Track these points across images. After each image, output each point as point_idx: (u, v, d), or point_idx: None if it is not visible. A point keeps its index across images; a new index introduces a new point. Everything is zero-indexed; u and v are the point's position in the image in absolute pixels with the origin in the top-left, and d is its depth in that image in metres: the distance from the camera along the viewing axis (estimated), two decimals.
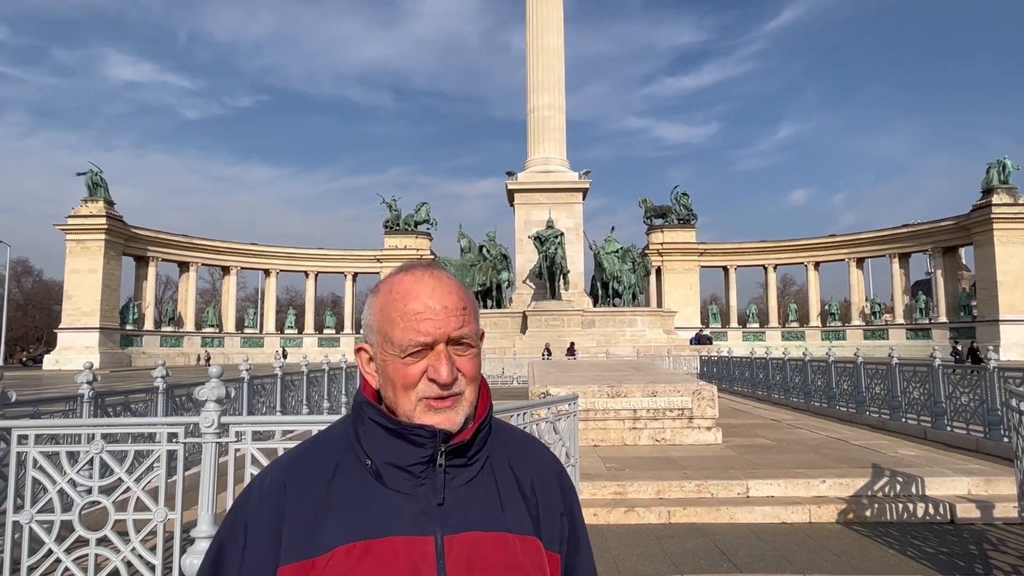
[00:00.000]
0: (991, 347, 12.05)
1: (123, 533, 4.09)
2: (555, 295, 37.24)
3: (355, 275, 64.60)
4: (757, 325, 63.44)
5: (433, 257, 61.11)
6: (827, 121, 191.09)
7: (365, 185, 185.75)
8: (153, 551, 4.07)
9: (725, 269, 64.45)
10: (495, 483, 1.11)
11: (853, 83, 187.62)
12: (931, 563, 5.52)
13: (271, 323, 63.09)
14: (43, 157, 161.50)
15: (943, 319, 53.76)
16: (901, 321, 57.21)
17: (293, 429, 4.86)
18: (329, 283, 74.16)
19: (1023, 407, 5.46)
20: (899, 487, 7.45)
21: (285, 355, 47.98)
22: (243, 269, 62.85)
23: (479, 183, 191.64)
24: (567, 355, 29.25)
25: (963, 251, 58.26)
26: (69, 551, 4.10)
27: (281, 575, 1.00)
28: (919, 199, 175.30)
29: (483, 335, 1.17)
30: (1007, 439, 8.92)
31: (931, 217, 55.35)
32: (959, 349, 33.37)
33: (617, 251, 41.89)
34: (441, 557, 1.00)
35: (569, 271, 38.19)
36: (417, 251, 61.98)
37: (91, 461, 4.15)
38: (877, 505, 7.02)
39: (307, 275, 63.94)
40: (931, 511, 6.94)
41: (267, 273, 62.87)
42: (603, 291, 41.20)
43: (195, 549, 3.84)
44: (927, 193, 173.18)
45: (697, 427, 10.44)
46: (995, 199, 48.60)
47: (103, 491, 4.18)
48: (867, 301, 60.10)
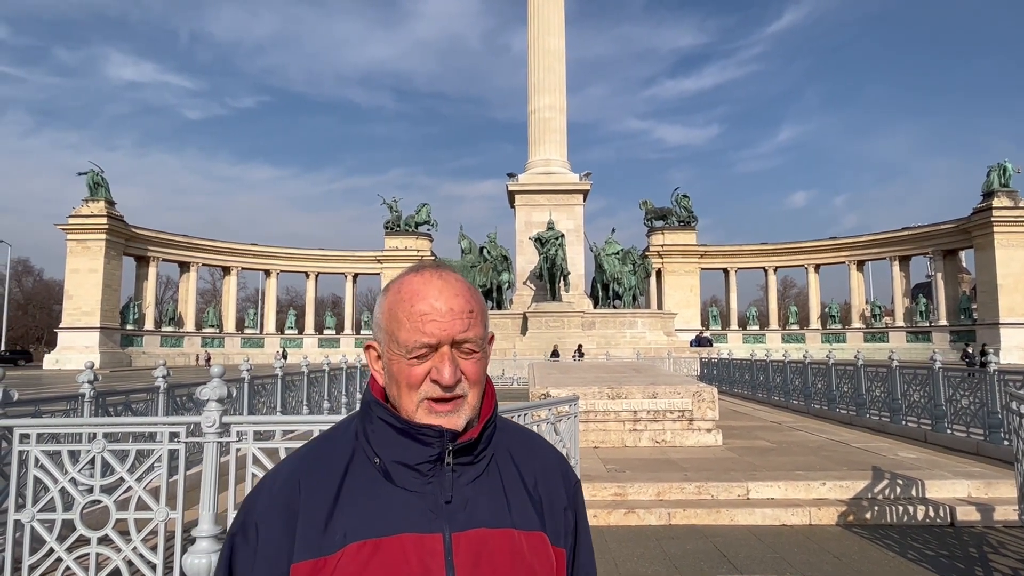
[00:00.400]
0: (992, 350, 12.01)
1: (124, 532, 4.10)
2: (555, 297, 37.24)
3: (355, 276, 64.61)
4: (757, 327, 63.41)
5: (434, 258, 61.13)
6: (828, 123, 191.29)
7: (366, 186, 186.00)
8: (154, 550, 4.07)
9: (725, 271, 64.45)
10: (500, 480, 1.12)
11: (854, 85, 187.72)
12: (931, 565, 5.53)
13: (271, 323, 63.09)
14: (44, 157, 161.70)
15: (943, 322, 53.73)
16: (901, 324, 57.18)
17: (294, 429, 4.87)
18: (329, 284, 74.28)
19: (1023, 410, 5.46)
20: (899, 490, 7.45)
21: (285, 356, 47.97)
22: (243, 269, 62.85)
23: (480, 184, 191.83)
24: (574, 356, 29.44)
25: (963, 254, 58.16)
26: (70, 550, 4.11)
27: (294, 572, 1.01)
28: (920, 202, 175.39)
29: (492, 338, 1.18)
30: (1007, 442, 8.92)
31: (932, 220, 55.37)
32: (970, 352, 33.15)
33: (617, 253, 41.91)
34: (449, 554, 1.02)
35: (570, 273, 38.21)
36: (417, 252, 61.97)
37: (92, 460, 4.16)
38: (877, 507, 7.02)
39: (307, 276, 63.96)
40: (931, 514, 6.94)
41: (267, 273, 62.88)
42: (603, 293, 41.21)
43: (196, 548, 3.84)
44: (928, 196, 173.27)
45: (697, 429, 10.44)
46: (995, 202, 48.61)
47: (104, 490, 4.19)
48: (867, 304, 60.06)
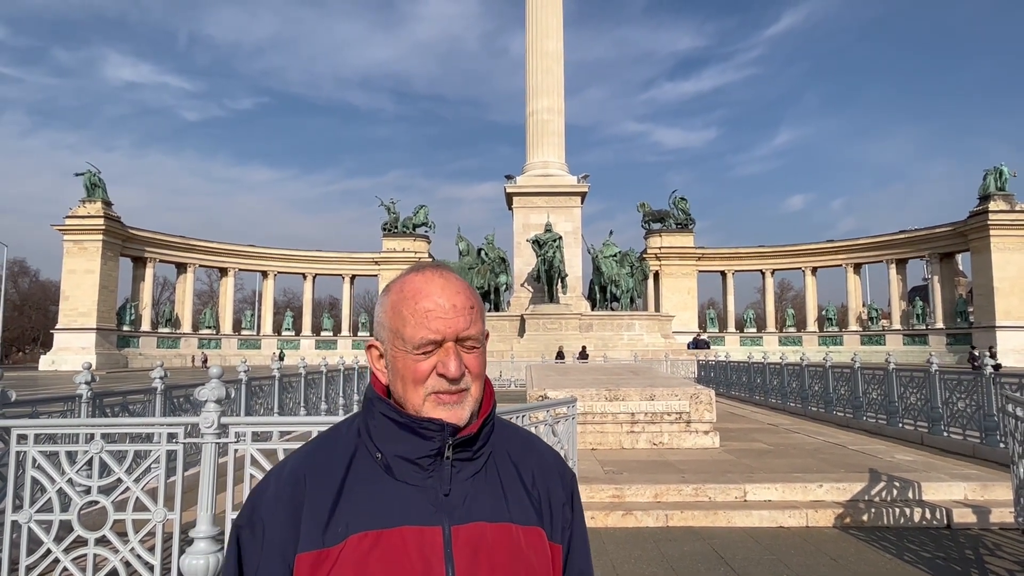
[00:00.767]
0: (987, 353, 12.05)
1: (122, 533, 4.09)
2: (553, 299, 37.26)
3: (353, 277, 64.56)
4: (755, 330, 63.53)
5: (431, 260, 61.09)
6: (826, 127, 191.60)
7: (364, 188, 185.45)
8: (152, 551, 4.07)
9: (723, 274, 64.57)
10: (499, 477, 1.16)
11: (852, 89, 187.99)
12: (928, 568, 5.54)
13: (268, 325, 62.98)
14: (42, 157, 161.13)
15: (940, 325, 53.88)
16: (898, 327, 57.34)
17: (292, 430, 4.87)
18: (327, 285, 74.18)
19: (1019, 412, 5.49)
20: (896, 492, 7.47)
21: (282, 357, 47.82)
22: (241, 271, 62.77)
23: (478, 186, 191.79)
24: (579, 359, 29.61)
25: (960, 257, 58.37)
26: (68, 551, 4.10)
27: (299, 561, 1.05)
28: (917, 205, 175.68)
29: (488, 335, 1.22)
30: (1003, 444, 8.94)
31: (929, 223, 55.61)
32: (976, 355, 33.16)
33: (615, 255, 41.97)
34: (448, 547, 1.05)
35: (567, 275, 38.24)
36: (415, 254, 61.96)
37: (90, 461, 4.15)
38: (874, 510, 7.04)
39: (305, 277, 63.89)
40: (928, 516, 6.96)
41: (265, 275, 62.80)
42: (601, 295, 41.25)
43: (194, 549, 3.84)
44: (925, 199, 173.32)
45: (695, 431, 10.46)
46: (992, 206, 48.80)
47: (102, 491, 4.18)
48: (864, 307, 60.21)
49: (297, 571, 1.05)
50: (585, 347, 32.64)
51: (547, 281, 37.13)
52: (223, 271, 61.85)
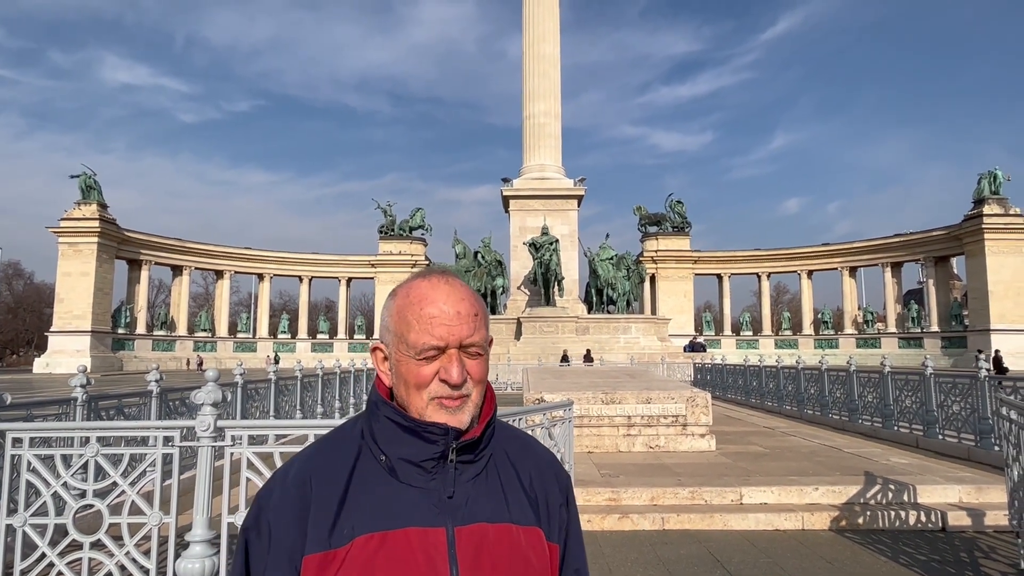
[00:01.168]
0: (982, 356, 12.08)
1: (117, 537, 4.08)
2: (550, 302, 37.26)
3: (349, 280, 64.50)
4: (751, 333, 63.68)
5: (428, 263, 61.08)
6: (821, 130, 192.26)
7: (361, 190, 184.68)
8: (147, 555, 4.05)
9: (719, 277, 64.69)
10: (499, 478, 1.18)
11: (848, 93, 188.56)
12: (923, 570, 5.56)
13: (264, 328, 62.86)
14: (37, 159, 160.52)
15: (935, 328, 54.10)
16: (893, 330, 57.53)
17: (288, 433, 4.87)
18: (323, 288, 73.97)
19: (1013, 416, 5.51)
20: (891, 495, 7.49)
21: (278, 360, 47.77)
22: (237, 273, 62.64)
23: (475, 189, 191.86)
24: (584, 362, 29.67)
25: (955, 261, 58.73)
26: (63, 555, 4.09)
27: (307, 563, 1.06)
28: (912, 209, 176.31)
29: (492, 341, 1.24)
30: (998, 447, 8.96)
31: (924, 227, 55.84)
32: (983, 358, 33.11)
33: (612, 258, 41.98)
34: (452, 547, 1.07)
35: (564, 278, 38.24)
36: (412, 256, 61.92)
37: (85, 464, 4.14)
38: (869, 512, 7.06)
39: (301, 280, 63.77)
40: (923, 519, 6.99)
41: (261, 277, 62.68)
42: (597, 298, 41.24)
43: (189, 553, 3.82)
44: (920, 203, 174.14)
45: (691, 434, 10.47)
46: (986, 209, 49.04)
47: (97, 495, 4.17)
48: (860, 310, 60.41)
49: (304, 573, 1.06)
50: (589, 350, 32.86)
51: (544, 284, 37.12)
52: (219, 274, 61.73)
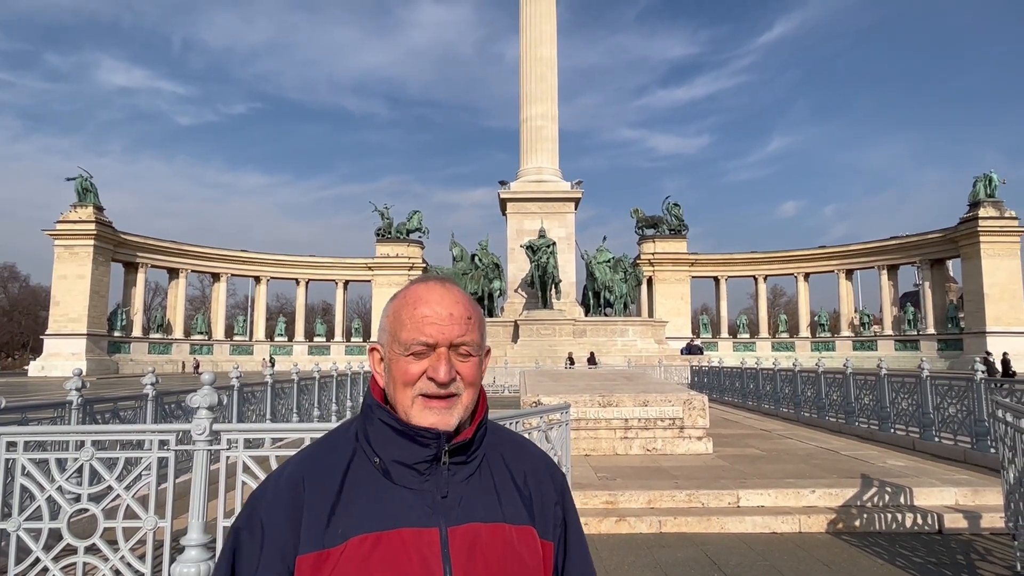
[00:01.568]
0: (977, 358, 12.13)
1: (112, 541, 4.06)
2: (547, 304, 37.27)
3: (346, 283, 64.39)
4: (747, 335, 63.72)
5: (425, 266, 61.02)
6: (818, 134, 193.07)
7: (358, 193, 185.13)
8: (142, 559, 4.03)
9: (716, 279, 64.76)
10: (492, 478, 1.20)
11: (844, 96, 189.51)
12: (919, 573, 5.56)
13: (261, 331, 62.70)
14: (33, 162, 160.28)
15: (931, 331, 54.25)
16: (890, 332, 57.65)
17: (284, 437, 4.85)
18: (320, 291, 73.84)
19: (1009, 418, 5.52)
20: (888, 497, 7.50)
21: (273, 363, 47.53)
22: (233, 276, 62.48)
23: (472, 192, 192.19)
24: (589, 364, 29.79)
25: (951, 263, 58.88)
26: (57, 559, 4.07)
27: (300, 563, 1.07)
28: (908, 211, 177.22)
29: (489, 352, 1.27)
30: (994, 450, 8.99)
31: (920, 229, 56.03)
32: (991, 360, 32.89)
33: (609, 261, 42.03)
34: (445, 547, 1.09)
35: (561, 280, 38.26)
36: (409, 259, 61.87)
37: (80, 468, 4.12)
38: (866, 515, 7.06)
39: (298, 283, 63.67)
40: (919, 521, 6.99)
41: (257, 280, 62.55)
42: (595, 301, 41.28)
43: (185, 557, 3.81)
44: (916, 206, 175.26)
45: (688, 437, 10.47)
46: (982, 212, 49.25)
47: (92, 499, 4.15)
48: (856, 312, 60.57)
49: (298, 573, 1.07)
50: (593, 353, 33.08)
51: (541, 287, 37.14)
52: (215, 276, 61.61)
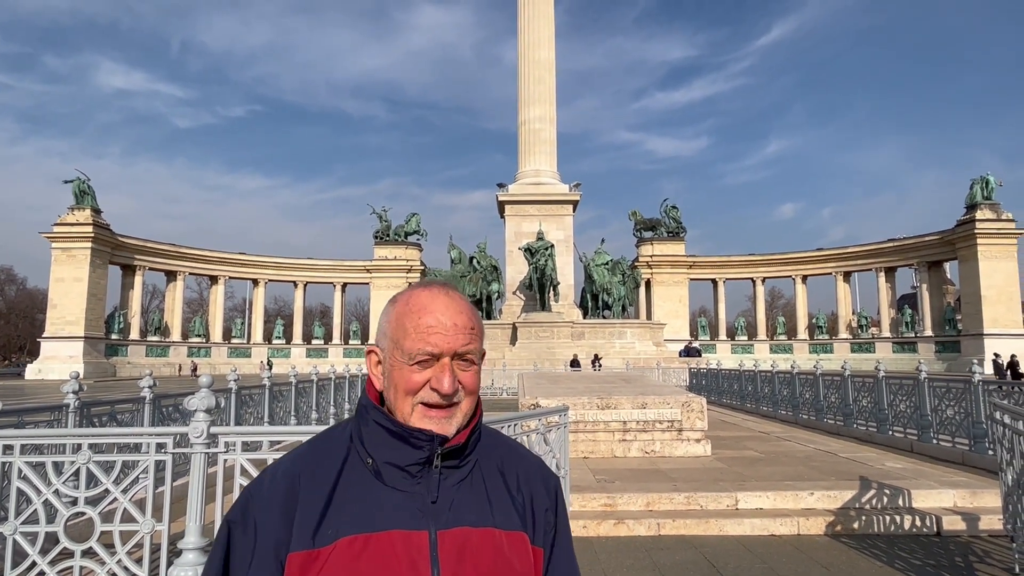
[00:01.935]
0: (975, 360, 12.16)
1: (109, 545, 4.04)
2: (545, 307, 37.27)
3: (344, 285, 64.35)
4: (745, 338, 63.77)
5: (423, 268, 61.01)
6: (816, 136, 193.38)
7: (357, 195, 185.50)
8: (139, 563, 4.02)
9: (714, 282, 64.85)
10: (484, 483, 1.20)
11: (841, 99, 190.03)
12: (918, 575, 5.56)
13: (259, 333, 62.59)
14: (31, 164, 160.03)
15: (929, 333, 54.33)
16: (887, 334, 57.75)
17: (282, 440, 4.84)
18: (318, 293, 73.85)
19: (1007, 420, 5.53)
20: (886, 499, 7.50)
21: (271, 365, 47.42)
22: (231, 279, 62.41)
23: (471, 194, 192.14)
24: (593, 366, 29.87)
25: (948, 265, 58.99)
26: (53, 563, 4.05)
27: (291, 560, 1.07)
28: (906, 214, 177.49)
29: (484, 355, 1.27)
30: (992, 452, 9.00)
31: (918, 232, 56.19)
32: (1000, 362, 32.76)
33: (607, 263, 42.04)
34: (434, 550, 1.09)
35: (559, 283, 38.26)
36: (407, 262, 61.83)
37: (77, 472, 4.11)
38: (865, 517, 7.06)
39: (296, 285, 63.60)
40: (918, 523, 6.99)
41: (255, 283, 62.49)
42: (593, 303, 41.29)
43: (182, 561, 3.80)
44: (913, 208, 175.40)
45: (686, 439, 10.46)
46: (979, 215, 49.37)
47: (89, 502, 4.13)
48: (854, 314, 60.63)
49: (287, 570, 1.07)
50: (597, 355, 33.26)
51: (539, 289, 37.15)
52: (213, 279, 61.52)
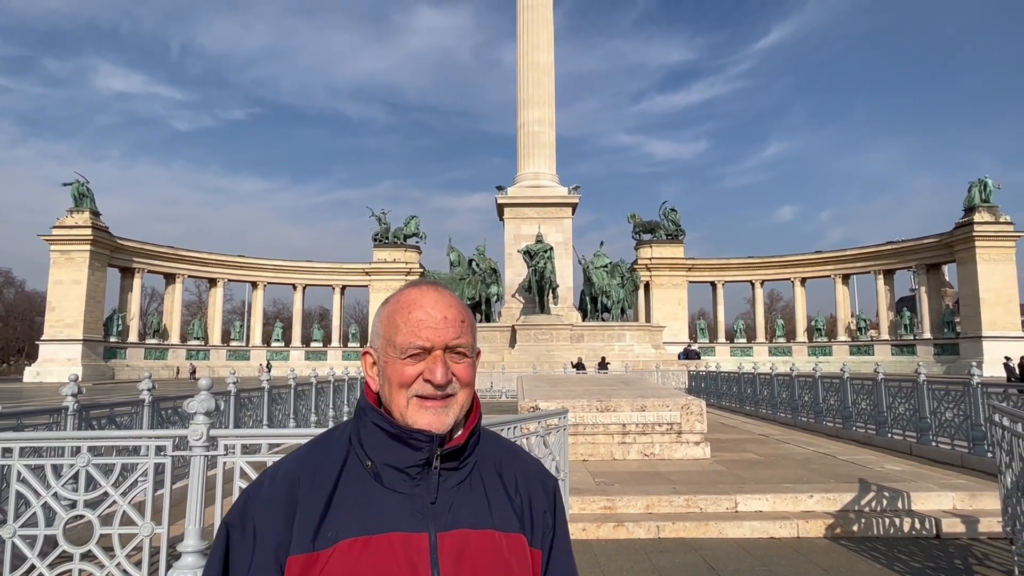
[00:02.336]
0: (974, 363, 12.17)
1: (108, 548, 4.04)
2: (544, 309, 37.28)
3: (343, 288, 64.28)
4: (745, 340, 63.74)
5: (422, 271, 60.99)
6: (814, 139, 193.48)
7: (356, 198, 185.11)
8: (138, 566, 4.02)
9: (713, 284, 64.84)
10: (483, 485, 1.20)
11: (840, 102, 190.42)
12: None
13: (258, 336, 62.50)
14: (30, 167, 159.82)
15: (927, 335, 54.32)
16: (886, 337, 57.74)
17: (281, 443, 4.84)
18: (317, 296, 73.85)
19: (1006, 423, 5.53)
20: (886, 502, 7.50)
21: (270, 368, 47.44)
22: (230, 281, 62.37)
23: (470, 197, 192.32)
24: (599, 369, 29.98)
25: (947, 268, 58.94)
26: (52, 566, 4.04)
27: (290, 563, 1.08)
28: (904, 216, 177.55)
29: (479, 353, 1.28)
30: (991, 454, 9.00)
31: (916, 234, 56.21)
32: (1012, 365, 32.65)
33: (606, 266, 42.07)
34: (434, 552, 1.09)
35: (558, 285, 38.29)
36: (406, 264, 61.81)
37: (76, 475, 4.10)
38: (864, 520, 7.06)
39: (295, 288, 63.54)
40: (917, 526, 6.99)
41: (254, 285, 62.40)
42: (592, 306, 41.31)
43: (181, 564, 3.79)
44: (912, 210, 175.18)
45: (686, 442, 10.46)
46: (977, 217, 49.42)
47: (88, 505, 4.13)
48: (853, 317, 60.62)
49: (287, 573, 1.07)
50: (604, 357, 33.37)
51: (538, 292, 37.15)
52: (212, 282, 61.44)
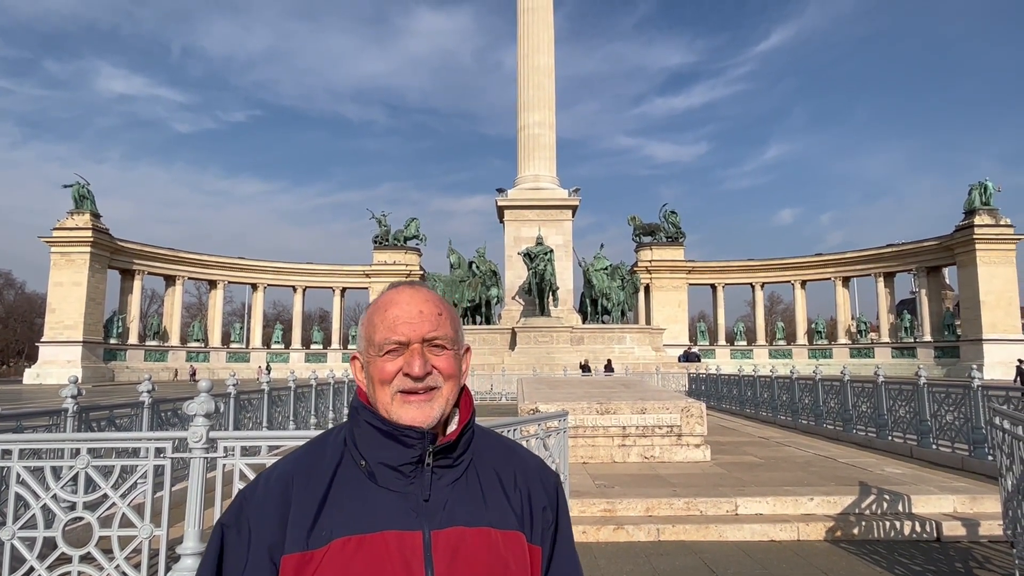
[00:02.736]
0: (974, 365, 12.16)
1: (107, 550, 4.03)
2: (544, 312, 37.25)
3: (343, 290, 64.31)
4: (745, 343, 63.75)
5: (423, 273, 60.98)
6: (814, 142, 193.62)
7: (356, 200, 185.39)
8: (138, 568, 4.01)
9: (713, 287, 64.86)
10: (479, 483, 1.20)
11: (840, 105, 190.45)
12: None
13: (258, 338, 62.50)
14: (31, 169, 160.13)
15: (928, 338, 54.31)
16: (886, 340, 57.72)
17: (281, 445, 4.83)
18: (317, 298, 73.87)
19: (1007, 425, 5.52)
20: (886, 505, 7.49)
21: (269, 370, 47.37)
22: (230, 283, 62.36)
23: (470, 199, 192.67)
24: (605, 371, 30.03)
25: (947, 271, 59.00)
26: (51, 568, 4.03)
27: (285, 563, 1.08)
28: (904, 219, 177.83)
29: (468, 349, 1.29)
30: (991, 457, 8.99)
31: (916, 237, 56.22)
32: (1023, 368, 32.61)
33: (606, 268, 42.06)
34: (428, 550, 1.09)
35: (558, 288, 38.26)
36: (406, 266, 61.83)
37: (75, 476, 4.09)
38: (864, 523, 7.05)
39: (295, 290, 63.57)
40: (918, 529, 6.98)
41: (254, 287, 62.41)
42: (592, 308, 41.28)
43: (181, 566, 3.79)
44: (912, 213, 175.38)
45: (686, 444, 10.45)
46: (977, 220, 49.44)
47: (87, 507, 4.12)
48: (853, 320, 60.63)
49: (282, 573, 1.08)
50: (610, 360, 33.38)
51: (538, 294, 37.13)
52: (212, 284, 61.46)
